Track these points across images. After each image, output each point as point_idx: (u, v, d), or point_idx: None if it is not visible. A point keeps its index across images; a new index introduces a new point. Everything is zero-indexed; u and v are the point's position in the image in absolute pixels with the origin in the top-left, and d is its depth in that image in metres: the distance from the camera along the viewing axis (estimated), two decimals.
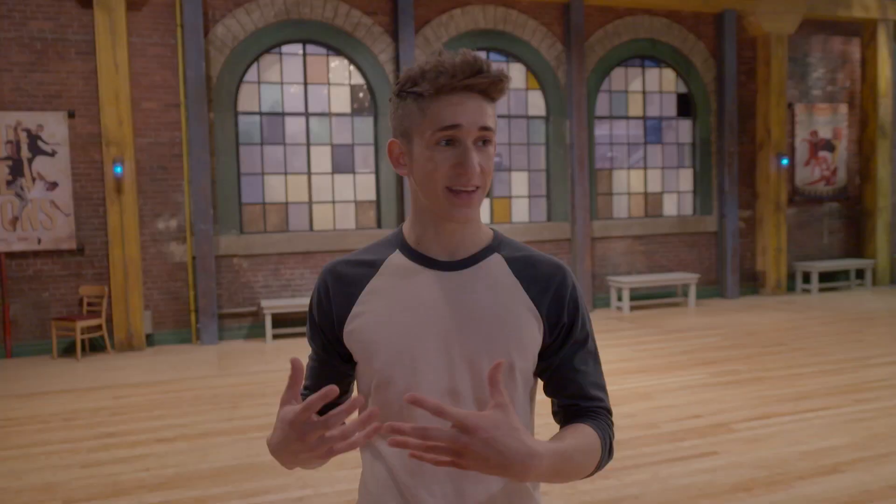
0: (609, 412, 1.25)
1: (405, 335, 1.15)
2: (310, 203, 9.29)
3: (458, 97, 1.10)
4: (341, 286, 1.21)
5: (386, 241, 1.26)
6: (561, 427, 1.23)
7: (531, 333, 1.19)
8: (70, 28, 8.09)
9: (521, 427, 1.00)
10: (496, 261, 1.22)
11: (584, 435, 1.15)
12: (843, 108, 11.83)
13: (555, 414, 1.27)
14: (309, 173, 9.25)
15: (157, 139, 8.49)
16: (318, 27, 9.06)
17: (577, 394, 1.23)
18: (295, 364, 1.00)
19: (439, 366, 1.15)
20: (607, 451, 1.20)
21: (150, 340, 8.53)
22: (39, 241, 8.05)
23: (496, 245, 1.24)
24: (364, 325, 1.17)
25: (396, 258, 1.22)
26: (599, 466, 1.19)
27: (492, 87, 1.12)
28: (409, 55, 9.20)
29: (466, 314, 1.17)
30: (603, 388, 1.26)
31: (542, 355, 1.22)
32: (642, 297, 10.61)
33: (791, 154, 11.49)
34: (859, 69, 11.97)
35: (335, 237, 9.17)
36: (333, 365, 1.26)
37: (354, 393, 1.31)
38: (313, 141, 9.26)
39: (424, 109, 1.12)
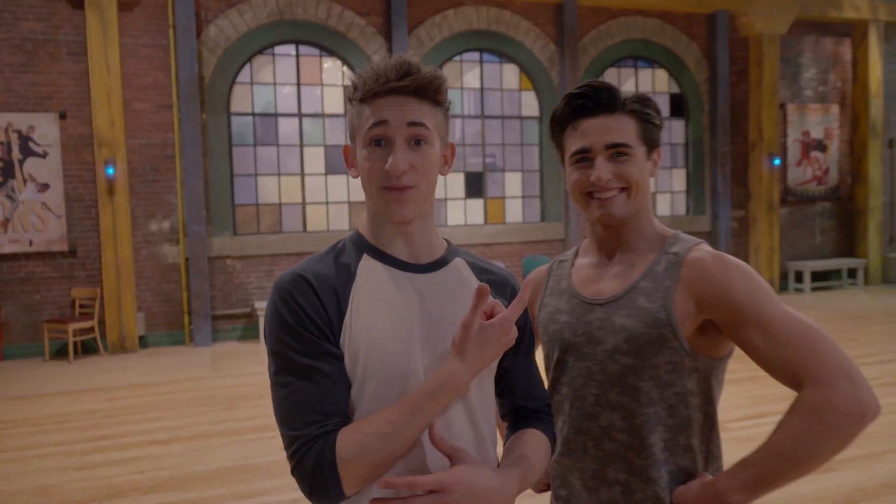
0: (550, 406, 1.34)
1: (394, 338, 1.13)
2: (303, 204, 9.27)
3: (390, 99, 1.12)
4: (327, 291, 1.13)
5: (346, 246, 1.22)
6: (511, 429, 1.30)
7: None
8: (61, 29, 8.05)
9: (483, 463, 1.11)
10: (460, 264, 1.25)
11: (539, 442, 1.24)
12: (835, 109, 11.89)
13: (504, 416, 1.32)
14: (302, 174, 9.23)
15: (150, 140, 8.45)
16: (311, 28, 9.04)
17: (527, 394, 1.30)
18: (481, 290, 1.07)
19: (426, 366, 1.14)
20: (554, 445, 1.32)
21: (143, 342, 8.50)
22: (31, 243, 8.00)
23: (454, 250, 1.27)
24: (356, 330, 1.12)
25: (369, 263, 1.18)
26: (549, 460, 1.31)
27: (424, 89, 1.13)
28: None
29: (449, 315, 1.16)
30: (542, 382, 1.34)
31: (504, 356, 1.24)
32: None
33: (783, 154, 11.54)
34: (850, 69, 12.03)
35: (329, 238, 9.14)
36: (343, 371, 1.12)
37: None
38: (307, 142, 9.24)
39: (361, 113, 1.15)
